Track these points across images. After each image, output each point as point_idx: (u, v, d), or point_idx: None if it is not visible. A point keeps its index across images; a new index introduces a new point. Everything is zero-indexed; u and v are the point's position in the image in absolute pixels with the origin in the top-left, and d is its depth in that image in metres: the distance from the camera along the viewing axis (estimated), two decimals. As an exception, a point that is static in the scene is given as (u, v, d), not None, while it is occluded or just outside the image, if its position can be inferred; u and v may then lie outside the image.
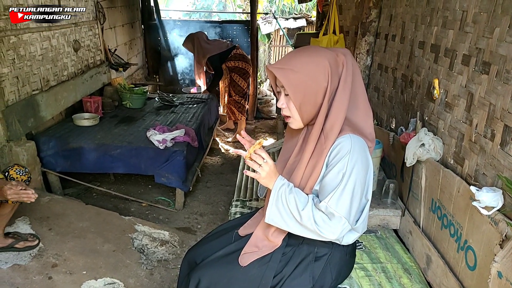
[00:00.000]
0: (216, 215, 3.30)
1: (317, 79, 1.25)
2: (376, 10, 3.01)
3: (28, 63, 2.80)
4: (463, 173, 1.75)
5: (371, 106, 3.25)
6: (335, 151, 1.27)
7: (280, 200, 1.28)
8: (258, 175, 1.29)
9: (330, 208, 1.24)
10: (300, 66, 1.25)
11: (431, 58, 2.13)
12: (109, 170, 3.32)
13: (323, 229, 1.24)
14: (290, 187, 1.29)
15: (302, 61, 1.25)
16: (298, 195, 1.28)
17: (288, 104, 1.32)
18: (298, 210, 1.25)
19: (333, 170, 1.26)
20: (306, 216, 1.24)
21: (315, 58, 1.26)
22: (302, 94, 1.26)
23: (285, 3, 10.65)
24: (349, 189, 1.24)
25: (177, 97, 4.64)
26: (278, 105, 1.36)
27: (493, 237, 1.40)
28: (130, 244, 2.53)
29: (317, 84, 1.25)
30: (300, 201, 1.26)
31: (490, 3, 1.61)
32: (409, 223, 2.13)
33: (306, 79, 1.24)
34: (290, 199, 1.26)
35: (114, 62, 4.42)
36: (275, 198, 1.29)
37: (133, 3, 5.81)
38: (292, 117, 1.35)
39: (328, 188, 1.26)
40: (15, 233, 2.25)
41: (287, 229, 1.31)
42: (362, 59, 3.18)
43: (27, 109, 2.77)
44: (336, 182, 1.25)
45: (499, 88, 1.50)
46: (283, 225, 1.30)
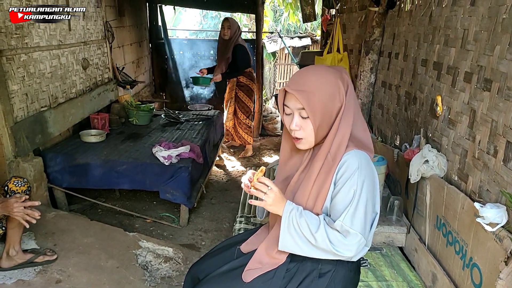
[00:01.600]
0: (220, 232, 3.29)
1: (333, 100, 1.25)
2: (379, 29, 3.05)
3: (38, 80, 2.86)
4: (467, 189, 1.75)
5: (376, 123, 3.26)
6: (342, 169, 1.27)
7: (292, 226, 1.27)
8: (265, 203, 1.28)
9: (345, 226, 1.23)
10: (319, 88, 1.24)
11: (434, 76, 2.15)
12: (114, 186, 3.34)
13: (339, 248, 1.24)
14: (300, 210, 1.29)
15: (319, 82, 1.25)
16: (309, 217, 1.27)
17: (303, 126, 1.29)
18: (311, 233, 1.25)
19: (344, 188, 1.26)
20: (320, 238, 1.24)
21: (329, 79, 1.26)
22: (321, 115, 1.26)
23: (290, 23, 10.79)
24: (362, 205, 1.25)
25: (183, 114, 4.69)
26: (291, 127, 1.31)
27: (498, 254, 1.39)
28: (134, 260, 2.52)
29: (333, 105, 1.26)
30: (312, 223, 1.26)
31: (490, 22, 1.64)
32: (415, 241, 2.11)
33: (325, 101, 1.24)
34: (302, 223, 1.26)
35: (122, 80, 4.50)
36: (286, 224, 1.28)
37: (141, 22, 5.94)
38: (305, 139, 1.32)
39: (340, 207, 1.26)
40: (33, 249, 2.26)
41: (302, 254, 1.31)
42: (366, 76, 3.21)
43: (35, 126, 2.82)
44: (348, 200, 1.25)
45: (501, 104, 1.51)
46: (297, 250, 1.30)
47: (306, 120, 1.28)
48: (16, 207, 1.78)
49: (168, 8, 7.23)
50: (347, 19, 3.96)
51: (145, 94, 5.90)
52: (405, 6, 2.67)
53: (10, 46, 2.53)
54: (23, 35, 2.67)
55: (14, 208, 1.79)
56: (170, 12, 9.49)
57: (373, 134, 3.20)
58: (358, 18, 3.60)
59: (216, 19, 13.04)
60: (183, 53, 6.52)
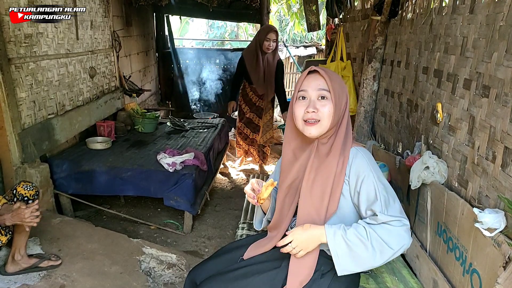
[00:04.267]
0: (224, 239, 3.30)
1: (343, 93, 1.37)
2: (382, 38, 3.08)
3: (45, 88, 2.92)
4: (467, 195, 1.75)
5: (379, 131, 3.27)
6: (354, 168, 1.34)
7: (342, 247, 1.29)
8: (301, 253, 1.33)
9: (386, 216, 1.27)
10: (337, 77, 1.37)
11: (435, 83, 2.17)
12: (119, 193, 3.38)
13: (392, 243, 1.26)
14: (342, 227, 1.31)
15: (335, 75, 1.38)
16: (356, 228, 1.30)
17: (321, 109, 1.33)
18: (363, 242, 1.27)
19: (364, 184, 1.32)
20: (375, 241, 1.26)
21: (340, 77, 1.41)
22: (338, 100, 1.34)
23: (296, 32, 10.88)
24: (388, 193, 1.32)
25: (188, 122, 4.73)
26: (308, 110, 1.34)
27: (497, 259, 1.39)
28: (137, 266, 2.54)
29: (343, 98, 1.37)
30: (360, 233, 1.28)
31: (488, 29, 1.66)
32: (416, 247, 2.11)
33: (340, 90, 1.36)
34: (352, 239, 1.28)
35: (128, 88, 4.56)
36: (337, 248, 1.29)
37: (148, 32, 6.04)
38: (321, 121, 1.34)
39: (370, 202, 1.31)
40: (38, 254, 2.29)
41: (364, 269, 1.32)
42: (369, 84, 3.23)
43: (42, 133, 2.87)
44: (374, 192, 1.30)
45: (499, 110, 1.53)
46: (358, 268, 1.31)
47: (325, 102, 1.34)
48: (27, 212, 1.82)
49: (175, 18, 7.34)
50: (350, 28, 3.99)
51: (151, 103, 5.97)
52: (407, 15, 2.70)
53: (19, 54, 2.60)
54: (32, 44, 2.74)
55: (25, 215, 1.82)
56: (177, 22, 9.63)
57: (376, 141, 3.21)
58: (361, 27, 3.63)
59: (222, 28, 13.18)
60: (189, 62, 6.60)
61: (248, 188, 1.41)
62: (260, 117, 4.44)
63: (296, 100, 1.39)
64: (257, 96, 4.35)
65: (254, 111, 4.43)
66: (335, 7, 4.35)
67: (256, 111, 4.43)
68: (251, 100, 4.40)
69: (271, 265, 1.48)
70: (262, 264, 1.50)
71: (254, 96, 4.37)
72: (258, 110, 4.42)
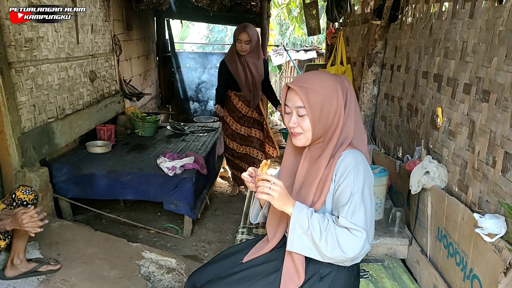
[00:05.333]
0: (223, 243, 3.29)
1: (331, 100, 1.33)
2: (382, 42, 3.08)
3: (45, 92, 2.92)
4: (467, 200, 1.75)
5: (379, 135, 3.26)
6: (341, 167, 1.33)
7: (300, 226, 1.30)
8: (271, 198, 1.31)
9: (348, 222, 1.27)
10: (319, 86, 1.33)
11: (434, 87, 2.17)
12: (119, 197, 3.37)
13: (346, 248, 1.27)
14: (311, 210, 1.33)
15: (319, 83, 1.34)
16: (320, 218, 1.31)
17: (301, 124, 1.37)
18: (321, 232, 1.28)
19: (342, 185, 1.32)
20: (330, 237, 1.27)
21: (330, 82, 1.35)
22: (318, 112, 1.33)
23: (296, 36, 10.90)
24: (361, 202, 1.29)
25: (188, 126, 4.73)
26: (289, 125, 1.40)
27: (497, 264, 1.38)
28: (137, 271, 2.53)
29: (331, 106, 1.33)
30: (323, 223, 1.29)
31: (488, 34, 1.66)
32: (416, 252, 2.10)
33: (323, 101, 1.32)
34: (314, 224, 1.29)
35: (129, 92, 4.57)
36: (296, 224, 1.31)
37: (149, 36, 6.05)
38: (303, 134, 1.38)
39: (341, 204, 1.31)
40: (37, 259, 2.29)
41: (311, 255, 1.33)
42: (369, 88, 3.23)
43: (42, 136, 2.87)
44: (348, 197, 1.30)
45: (499, 115, 1.52)
46: (306, 251, 1.33)
47: (304, 118, 1.35)
48: (24, 218, 1.81)
49: (176, 22, 7.36)
50: (350, 32, 4.00)
51: (151, 106, 5.98)
52: (407, 19, 2.71)
53: (19, 58, 2.60)
54: (32, 48, 2.74)
55: (24, 220, 1.82)
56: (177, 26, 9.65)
57: (376, 145, 3.21)
58: (361, 31, 3.64)
59: (223, 32, 13.21)
60: (190, 66, 6.61)
61: (246, 174, 1.42)
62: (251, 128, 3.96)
63: (284, 112, 1.44)
64: (246, 106, 3.88)
65: (243, 122, 3.93)
66: (335, 11, 4.36)
67: (245, 122, 3.94)
68: (240, 112, 3.90)
69: (270, 268, 1.48)
70: (261, 266, 1.50)
71: (243, 106, 3.89)
72: (249, 121, 3.94)
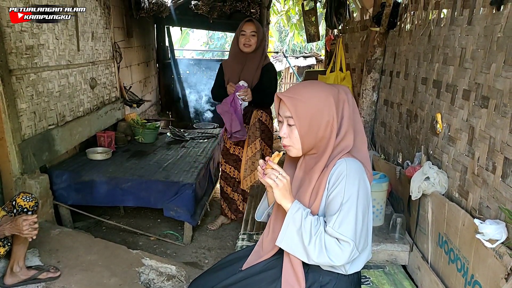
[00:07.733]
0: (224, 250, 3.28)
1: (322, 113, 1.31)
2: (381, 48, 3.10)
3: (46, 99, 2.92)
4: (467, 206, 1.75)
5: (378, 141, 3.25)
6: (334, 176, 1.32)
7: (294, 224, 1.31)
8: (276, 184, 1.32)
9: (335, 232, 1.26)
10: (308, 98, 1.32)
11: (434, 94, 2.18)
12: (119, 203, 3.37)
13: (331, 255, 1.26)
14: (307, 211, 1.33)
15: (310, 94, 1.33)
16: (314, 220, 1.31)
17: (290, 134, 1.37)
18: (311, 235, 1.28)
19: (332, 194, 1.31)
20: (318, 241, 1.27)
21: (322, 93, 1.33)
22: (307, 124, 1.32)
23: (295, 43, 10.95)
24: (352, 212, 1.27)
25: (188, 132, 4.74)
26: (280, 134, 1.41)
27: (498, 270, 1.38)
28: (136, 278, 2.52)
29: (322, 118, 1.32)
30: (314, 225, 1.29)
31: (486, 40, 1.67)
32: (417, 259, 2.10)
33: (313, 112, 1.31)
34: (306, 224, 1.29)
35: (129, 99, 4.58)
36: (290, 221, 1.32)
37: (149, 43, 6.08)
38: (292, 146, 1.39)
39: (331, 213, 1.30)
40: (36, 266, 2.28)
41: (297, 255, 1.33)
42: (368, 95, 3.24)
43: (42, 143, 2.87)
44: (337, 206, 1.29)
45: (498, 121, 1.53)
46: (294, 249, 1.32)
47: (293, 128, 1.35)
48: (25, 225, 1.81)
49: (176, 29, 7.40)
50: (350, 39, 4.02)
51: (151, 113, 5.99)
52: (405, 26, 2.72)
53: (20, 65, 2.61)
54: (33, 55, 2.75)
55: (23, 227, 1.82)
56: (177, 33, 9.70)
57: (376, 151, 3.21)
58: (360, 38, 3.66)
59: (223, 39, 13.27)
60: (190, 73, 6.63)
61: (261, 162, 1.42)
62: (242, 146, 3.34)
63: (278, 121, 1.46)
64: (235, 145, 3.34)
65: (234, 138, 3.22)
66: (334, 18, 4.39)
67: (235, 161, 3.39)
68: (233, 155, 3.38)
69: (271, 277, 1.47)
70: (261, 275, 1.50)
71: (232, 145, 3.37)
72: None
